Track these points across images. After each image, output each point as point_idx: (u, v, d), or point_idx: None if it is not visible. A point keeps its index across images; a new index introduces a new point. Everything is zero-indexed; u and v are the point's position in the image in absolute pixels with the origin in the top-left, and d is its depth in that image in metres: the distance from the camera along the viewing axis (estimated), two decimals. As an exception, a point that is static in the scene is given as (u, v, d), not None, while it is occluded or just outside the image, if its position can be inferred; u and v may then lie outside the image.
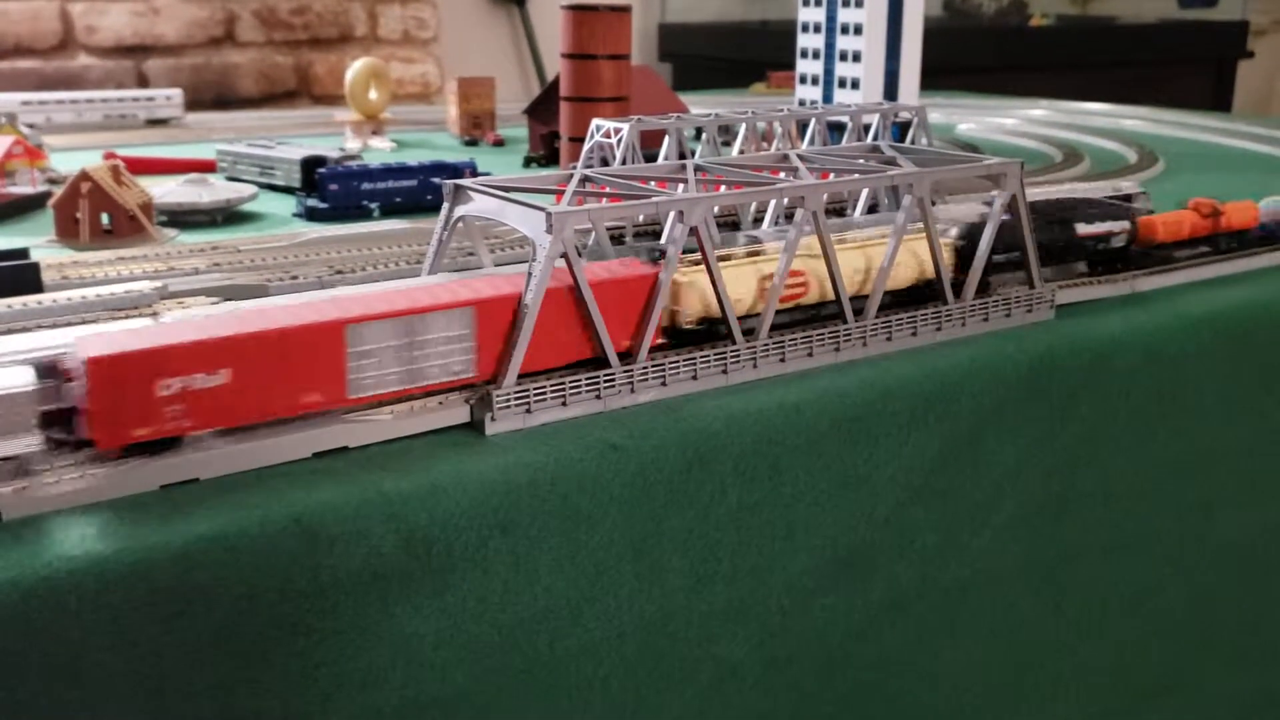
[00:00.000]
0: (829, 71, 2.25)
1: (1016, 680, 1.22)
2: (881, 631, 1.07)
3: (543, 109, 2.14)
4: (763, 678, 1.00)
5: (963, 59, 3.95)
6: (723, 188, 1.11)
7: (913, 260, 1.11)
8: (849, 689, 1.07)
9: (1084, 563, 1.22)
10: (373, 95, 2.63)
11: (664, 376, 0.94)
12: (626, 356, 0.94)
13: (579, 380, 0.90)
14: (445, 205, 1.03)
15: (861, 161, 1.19)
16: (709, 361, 0.97)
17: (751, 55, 4.00)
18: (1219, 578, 1.36)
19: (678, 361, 0.95)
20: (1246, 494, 1.35)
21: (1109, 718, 1.32)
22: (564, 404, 0.90)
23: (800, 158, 1.15)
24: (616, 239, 1.34)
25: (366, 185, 1.63)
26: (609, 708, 0.91)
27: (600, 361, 0.92)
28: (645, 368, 0.93)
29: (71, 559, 0.68)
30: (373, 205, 1.64)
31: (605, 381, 0.91)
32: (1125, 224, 1.28)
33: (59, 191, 1.46)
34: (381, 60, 2.83)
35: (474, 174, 1.68)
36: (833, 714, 1.07)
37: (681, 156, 1.39)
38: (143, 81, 3.52)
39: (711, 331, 0.99)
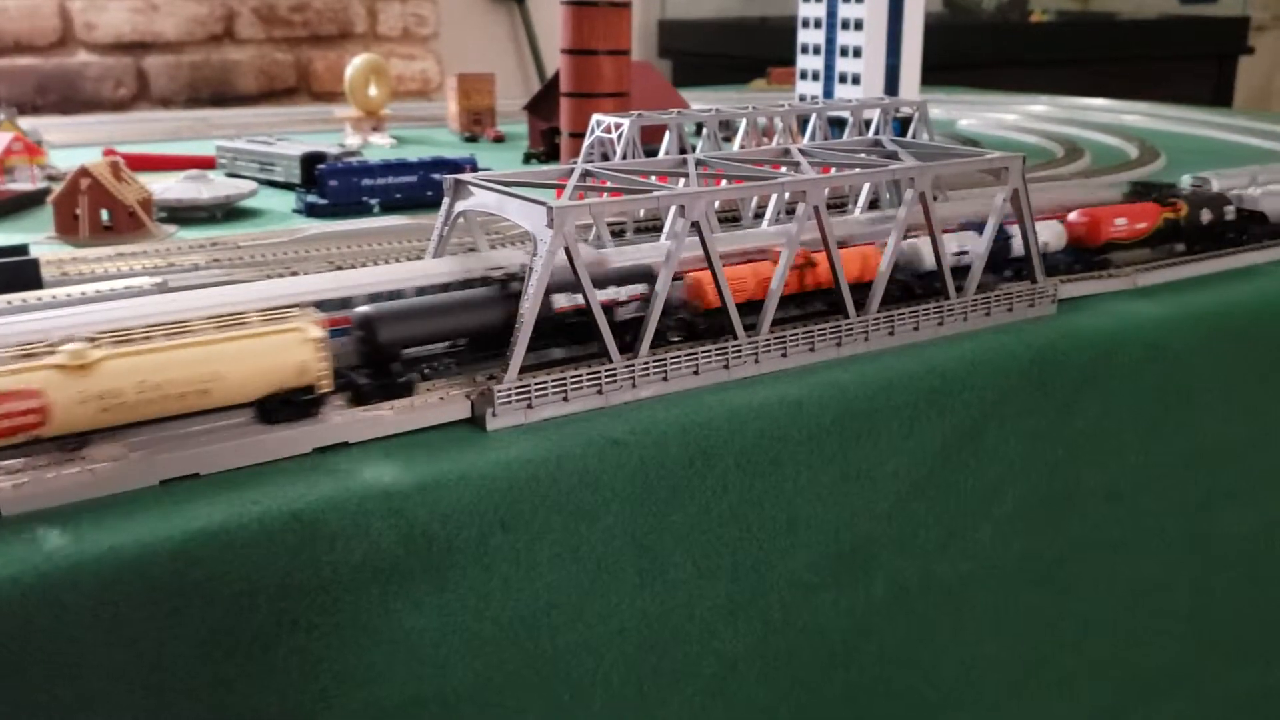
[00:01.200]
0: (830, 67, 2.25)
1: (1018, 675, 1.22)
2: (883, 626, 1.07)
3: (543, 105, 2.14)
4: (764, 673, 1.00)
5: (964, 54, 3.95)
6: (724, 182, 1.11)
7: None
8: (850, 684, 1.07)
9: (1086, 558, 1.21)
10: (372, 92, 2.62)
11: (665, 371, 0.94)
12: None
13: (580, 375, 0.90)
14: (446, 200, 1.03)
15: (863, 156, 1.18)
16: (710, 356, 0.96)
17: (751, 51, 3.99)
18: (1222, 573, 1.36)
19: (679, 357, 0.95)
20: (1249, 490, 1.34)
21: (1111, 712, 1.31)
22: (565, 399, 0.89)
23: (801, 152, 1.15)
24: (617, 234, 1.34)
25: (366, 181, 1.63)
26: (610, 703, 0.91)
27: (602, 356, 0.92)
28: (647, 363, 0.93)
29: (70, 555, 0.68)
30: (373, 201, 1.63)
31: (607, 377, 0.91)
32: (640, 289, 0.96)
33: (58, 188, 1.45)
34: (381, 57, 2.82)
35: (474, 170, 1.67)
36: (834, 709, 1.06)
37: (682, 152, 1.39)
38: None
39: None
